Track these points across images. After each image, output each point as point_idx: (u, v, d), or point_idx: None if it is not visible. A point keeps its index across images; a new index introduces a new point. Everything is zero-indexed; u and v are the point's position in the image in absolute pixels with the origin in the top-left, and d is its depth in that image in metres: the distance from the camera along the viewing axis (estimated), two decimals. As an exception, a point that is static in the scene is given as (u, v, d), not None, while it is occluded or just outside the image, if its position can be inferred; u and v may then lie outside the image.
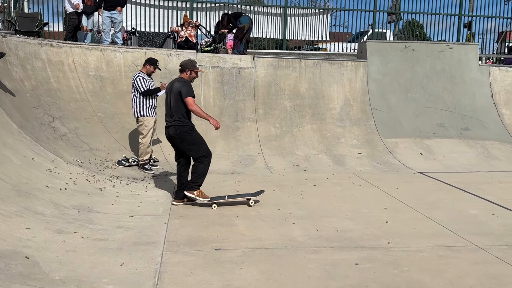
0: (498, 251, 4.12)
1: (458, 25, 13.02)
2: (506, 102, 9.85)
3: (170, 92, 5.28)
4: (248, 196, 5.50)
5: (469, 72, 9.78)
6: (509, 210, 5.48)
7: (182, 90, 5.17)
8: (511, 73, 10.13)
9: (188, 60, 5.53)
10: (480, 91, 9.74)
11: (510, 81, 10.04)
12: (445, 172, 7.64)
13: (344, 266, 3.74)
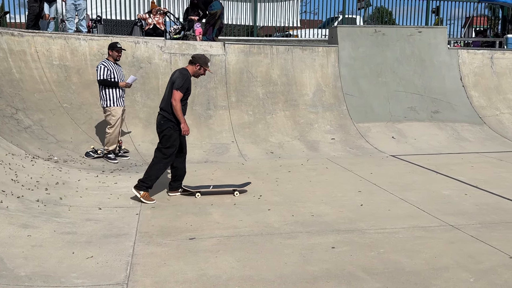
0: (472, 230, 4.17)
1: (427, 10, 13.16)
2: (475, 85, 10.03)
3: (170, 80, 5.06)
4: (235, 187, 5.37)
5: (438, 55, 9.89)
6: (480, 190, 5.57)
7: (177, 80, 4.91)
8: (479, 56, 10.31)
9: (202, 55, 5.24)
10: (449, 74, 9.88)
11: (478, 63, 10.21)
12: (417, 155, 7.73)
13: (321, 250, 3.70)
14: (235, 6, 12.90)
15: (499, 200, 5.11)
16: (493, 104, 9.79)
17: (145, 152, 7.27)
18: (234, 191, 5.33)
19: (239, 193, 5.32)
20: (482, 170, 6.56)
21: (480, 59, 10.19)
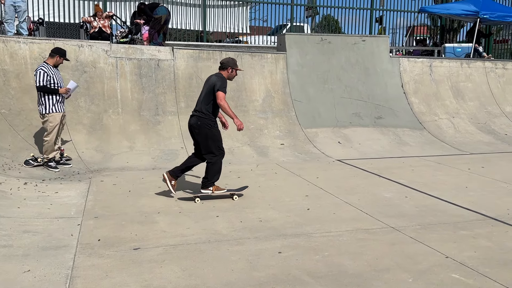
0: (412, 232, 4.36)
1: (370, 19, 13.68)
2: (415, 91, 10.53)
3: (205, 84, 5.32)
4: (232, 191, 5.44)
5: (381, 63, 10.30)
6: (420, 192, 5.83)
7: (217, 83, 5.13)
8: (419, 64, 10.84)
9: (229, 58, 5.46)
10: (391, 82, 10.32)
11: (418, 71, 10.74)
12: (362, 159, 7.99)
13: (268, 256, 3.73)
14: (184, 11, 12.80)
15: (437, 202, 5.38)
16: (432, 110, 10.31)
17: (88, 160, 7.03)
18: (232, 195, 5.41)
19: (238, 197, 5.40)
20: (421, 173, 6.88)
21: (420, 67, 10.72)
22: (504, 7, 14.02)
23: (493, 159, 8.06)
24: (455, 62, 11.19)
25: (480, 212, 4.97)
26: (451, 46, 12.69)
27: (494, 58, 13.52)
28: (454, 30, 16.76)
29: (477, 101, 10.92)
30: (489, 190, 5.90)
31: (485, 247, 3.94)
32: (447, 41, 15.46)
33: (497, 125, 10.42)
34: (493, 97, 11.13)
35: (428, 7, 13.86)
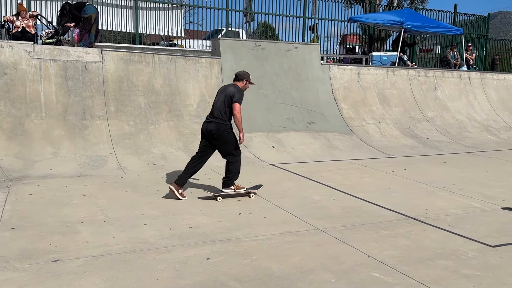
0: (337, 233, 4.51)
1: (303, 27, 14.08)
2: (344, 97, 10.95)
3: (221, 93, 5.72)
4: (249, 190, 5.83)
5: (312, 70, 10.61)
6: (346, 194, 6.06)
7: (236, 95, 5.58)
8: (348, 71, 11.29)
9: (245, 72, 5.95)
10: (322, 88, 10.66)
11: (347, 78, 11.18)
12: (294, 163, 8.16)
13: (195, 263, 3.68)
14: (115, 12, 12.40)
15: (362, 204, 5.61)
16: (360, 116, 10.78)
17: (7, 167, 6.58)
18: (249, 193, 5.78)
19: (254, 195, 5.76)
20: (349, 176, 7.16)
21: (348, 74, 11.17)
22: (426, 18, 15.00)
23: (415, 162, 8.56)
24: (381, 70, 11.79)
25: (401, 212, 5.25)
26: (378, 54, 13.36)
27: (417, 66, 14.43)
28: (382, 40, 17.69)
29: (401, 107, 11.56)
30: (410, 191, 6.26)
31: (404, 246, 4.17)
32: (376, 50, 16.27)
33: (419, 129, 11.10)
34: (416, 103, 11.85)
35: (357, 17, 14.51)
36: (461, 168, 8.00)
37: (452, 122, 11.82)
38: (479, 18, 18.15)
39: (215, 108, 5.65)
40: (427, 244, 4.22)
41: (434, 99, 12.17)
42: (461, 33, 14.99)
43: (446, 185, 6.60)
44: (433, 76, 12.47)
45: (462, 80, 12.88)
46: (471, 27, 17.93)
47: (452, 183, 6.76)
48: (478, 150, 10.00)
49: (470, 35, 17.69)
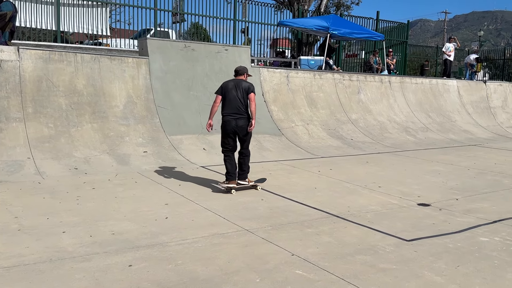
0: (264, 233, 4.56)
1: (234, 29, 14.15)
2: (274, 100, 11.14)
3: (236, 88, 6.10)
4: (256, 182, 6.36)
5: (243, 72, 10.68)
6: (275, 195, 6.16)
7: (251, 87, 6.13)
8: (277, 74, 11.51)
9: (243, 66, 6.52)
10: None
11: (277, 81, 11.40)
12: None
13: (117, 270, 3.55)
14: (35, 9, 11.67)
15: (289, 203, 5.74)
16: (289, 118, 11.03)
17: None
18: (256, 186, 6.29)
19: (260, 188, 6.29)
20: (278, 177, 7.29)
21: (278, 77, 11.40)
22: (351, 24, 15.70)
23: (340, 162, 8.92)
24: (309, 73, 12.15)
25: (325, 210, 5.43)
26: (305, 58, 13.77)
27: (342, 70, 15.05)
28: (310, 44, 18.24)
29: (328, 110, 11.99)
30: (334, 190, 6.50)
31: (326, 243, 4.31)
32: (304, 54, 16.75)
33: (344, 131, 11.58)
34: (341, 106, 12.36)
35: (286, 21, 14.86)
36: (382, 167, 8.45)
37: (374, 123, 12.46)
38: (399, 25, 19.33)
39: (236, 105, 6.06)
40: (348, 240, 4.40)
41: (358, 102, 12.77)
42: (382, 39, 15.87)
43: (368, 184, 6.93)
44: (356, 80, 13.08)
45: (383, 84, 13.64)
46: (392, 33, 19.05)
47: (373, 181, 7.12)
48: (397, 150, 10.63)
49: (391, 41, 18.79)
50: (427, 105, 14.42)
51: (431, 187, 6.82)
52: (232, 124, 6.06)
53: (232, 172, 6.19)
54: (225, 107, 6.12)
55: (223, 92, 6.16)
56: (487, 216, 5.28)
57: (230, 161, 6.22)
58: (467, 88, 15.92)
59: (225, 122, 6.12)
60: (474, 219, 5.14)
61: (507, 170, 8.21)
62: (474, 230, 4.73)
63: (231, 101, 6.05)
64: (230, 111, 6.07)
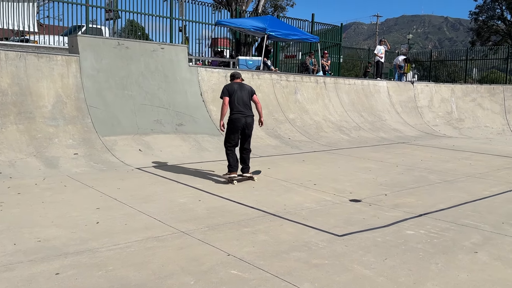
0: (200, 234, 4.52)
1: (170, 27, 13.91)
2: (213, 100, 11.09)
3: (241, 90, 6.74)
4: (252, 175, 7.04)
5: (180, 71, 10.55)
6: (212, 195, 6.13)
7: (252, 89, 6.92)
8: (215, 74, 11.47)
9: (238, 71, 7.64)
10: (191, 90, 10.66)
11: (215, 81, 11.35)
12: (162, 166, 8.01)
13: (42, 279, 3.35)
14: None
15: (226, 203, 5.73)
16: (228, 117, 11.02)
17: None
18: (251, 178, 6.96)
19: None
20: (216, 177, 7.26)
21: (216, 77, 11.36)
22: (288, 26, 16.00)
23: (278, 161, 9.06)
24: (247, 73, 12.23)
25: (262, 209, 5.49)
26: (244, 58, 13.85)
27: (280, 71, 15.30)
28: (249, 44, 18.38)
29: (266, 109, 12.12)
30: (271, 189, 6.59)
31: (262, 241, 4.35)
32: (243, 54, 16.84)
33: (282, 130, 11.78)
34: (279, 106, 12.56)
35: (224, 21, 14.85)
36: (317, 165, 8.69)
37: (311, 123, 12.80)
38: (333, 27, 20.00)
39: (243, 104, 6.65)
40: (284, 238, 4.47)
41: (295, 102, 13.04)
42: (317, 41, 16.33)
43: (304, 182, 7.10)
44: (293, 80, 13.35)
45: (318, 85, 14.04)
46: (327, 35, 19.66)
47: (309, 179, 7.30)
48: (332, 148, 10.99)
49: (326, 43, 19.39)
50: (360, 105, 15.04)
51: (362, 183, 7.12)
52: (242, 121, 6.66)
53: (234, 165, 6.78)
54: (234, 106, 6.65)
55: (230, 94, 6.70)
56: (413, 210, 5.59)
57: (232, 155, 6.81)
58: (396, 88, 16.79)
59: (235, 120, 6.66)
60: (401, 213, 5.42)
61: (432, 166, 8.75)
62: (401, 224, 4.99)
63: (239, 101, 6.64)
64: (239, 110, 6.63)
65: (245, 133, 6.79)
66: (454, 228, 4.85)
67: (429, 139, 13.83)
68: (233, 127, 6.70)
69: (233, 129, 6.71)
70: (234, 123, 6.68)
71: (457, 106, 17.25)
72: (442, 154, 10.52)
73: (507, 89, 17.58)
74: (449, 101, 17.34)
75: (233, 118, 6.67)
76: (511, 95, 17.26)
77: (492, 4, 40.91)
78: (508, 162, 9.46)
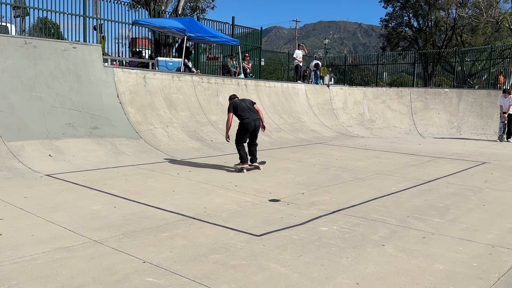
0: (115, 242, 4.34)
1: (84, 26, 13.24)
2: (131, 102, 10.75)
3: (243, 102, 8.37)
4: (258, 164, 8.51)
5: (94, 72, 10.08)
6: (129, 201, 5.93)
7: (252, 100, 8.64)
8: (133, 75, 11.12)
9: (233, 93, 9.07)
10: (107, 91, 10.23)
11: (133, 82, 11.00)
12: (75, 172, 7.59)
13: None
14: None
15: (144, 209, 5.57)
16: (147, 120, 10.75)
17: None
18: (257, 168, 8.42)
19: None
20: (134, 182, 7.04)
21: (134, 78, 11.02)
22: (206, 28, 15.94)
23: (200, 163, 9.00)
24: (167, 75, 12.01)
25: (181, 213, 5.41)
26: (163, 60, 13.57)
27: (201, 73, 15.22)
28: (169, 45, 18.05)
29: (188, 112, 12.01)
30: (192, 192, 6.52)
31: (180, 246, 4.29)
32: (164, 55, 16.50)
33: (204, 132, 11.73)
34: (201, 108, 12.49)
35: (142, 20, 14.43)
36: (239, 166, 8.76)
37: (233, 125, 12.86)
38: (254, 31, 20.31)
39: (249, 111, 8.20)
40: (203, 241, 4.44)
41: (217, 104, 13.05)
42: (237, 43, 16.48)
43: (225, 183, 7.12)
44: (215, 82, 13.36)
45: (240, 87, 14.18)
46: (247, 38, 19.92)
47: (230, 181, 7.34)
48: (254, 149, 11.14)
49: (247, 46, 19.64)
50: (280, 107, 15.43)
51: (281, 183, 7.30)
52: (252, 124, 8.15)
53: (245, 157, 8.27)
54: (243, 114, 8.14)
55: (234, 109, 8.18)
56: (328, 207, 5.84)
57: (243, 149, 8.29)
58: (313, 91, 17.47)
59: (247, 124, 8.14)
60: (316, 211, 5.64)
61: (346, 165, 9.22)
62: (316, 221, 5.20)
63: (245, 110, 8.16)
64: (249, 116, 8.14)
65: (255, 133, 8.29)
66: (364, 223, 5.14)
67: (344, 139, 14.56)
68: (245, 129, 8.17)
69: (245, 131, 8.17)
70: (245, 126, 8.15)
71: (369, 108, 18.36)
72: (355, 153, 11.13)
73: (413, 91, 19.05)
74: (362, 103, 18.41)
75: (244, 123, 8.14)
76: (417, 97, 18.72)
77: (400, 12, 44.14)
78: (414, 159, 10.25)
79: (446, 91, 18.79)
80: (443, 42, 40.92)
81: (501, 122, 14.75)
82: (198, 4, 23.29)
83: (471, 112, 17.62)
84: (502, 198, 6.50)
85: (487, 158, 10.58)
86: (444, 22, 40.70)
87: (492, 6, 33.43)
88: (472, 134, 16.39)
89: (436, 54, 30.41)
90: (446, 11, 39.97)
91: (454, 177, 8.09)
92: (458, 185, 7.31)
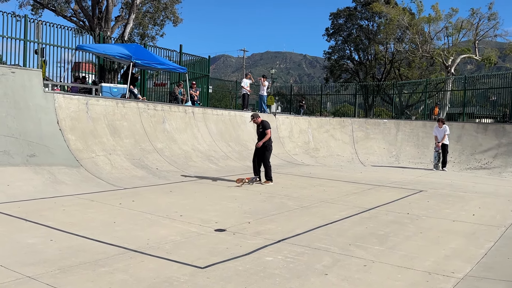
0: (49, 278, 4.11)
1: (24, 50, 12.75)
2: (72, 128, 10.37)
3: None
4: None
5: (34, 98, 9.68)
6: (67, 233, 5.64)
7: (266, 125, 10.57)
8: (75, 101, 10.78)
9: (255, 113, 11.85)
10: (46, 118, 9.82)
11: (74, 108, 10.66)
12: (8, 202, 7.15)
13: None
14: None
15: (83, 242, 5.32)
16: (89, 147, 10.40)
17: None
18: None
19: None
20: (73, 213, 6.73)
21: (76, 104, 10.68)
22: (153, 55, 15.88)
23: (144, 192, 8.78)
24: (111, 101, 11.76)
25: (123, 246, 5.22)
26: (107, 85, 13.30)
27: (148, 100, 15.04)
28: (115, 71, 17.76)
29: (132, 139, 11.76)
30: (134, 223, 6.33)
31: (120, 281, 4.13)
32: (109, 81, 16.18)
33: (150, 160, 11.50)
34: (146, 135, 12.29)
35: (86, 46, 14.14)
36: (185, 195, 8.65)
37: (179, 152, 12.75)
38: (201, 59, 20.47)
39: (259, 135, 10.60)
40: (144, 275, 4.30)
41: (163, 131, 12.90)
42: (185, 71, 16.52)
43: (170, 213, 6.98)
44: (161, 109, 13.23)
45: (187, 114, 14.13)
46: (195, 66, 20.03)
47: (175, 210, 7.20)
48: (201, 177, 11.06)
49: (195, 73, 19.73)
50: (227, 135, 15.50)
51: (228, 212, 7.27)
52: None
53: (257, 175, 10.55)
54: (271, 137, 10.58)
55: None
56: (273, 236, 5.88)
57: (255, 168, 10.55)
58: (261, 119, 17.72)
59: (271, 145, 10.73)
60: (262, 240, 5.65)
61: (291, 193, 9.36)
62: (261, 251, 5.20)
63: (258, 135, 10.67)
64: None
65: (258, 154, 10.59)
66: (308, 252, 5.22)
67: (290, 167, 14.81)
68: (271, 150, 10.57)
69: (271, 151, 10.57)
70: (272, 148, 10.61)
71: (314, 137, 18.89)
72: (300, 181, 11.34)
73: (354, 122, 19.86)
74: (307, 132, 18.91)
75: (271, 143, 10.59)
76: (358, 127, 19.52)
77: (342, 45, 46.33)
78: (356, 187, 10.60)
79: (385, 121, 19.76)
80: (382, 75, 43.28)
81: (436, 152, 15.66)
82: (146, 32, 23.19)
83: (408, 142, 18.59)
84: (438, 226, 6.84)
85: (424, 186, 11.15)
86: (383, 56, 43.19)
87: (427, 42, 35.98)
88: (410, 163, 17.24)
89: (376, 86, 32.06)
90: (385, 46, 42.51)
91: (393, 204, 8.44)
92: (396, 213, 7.62)
